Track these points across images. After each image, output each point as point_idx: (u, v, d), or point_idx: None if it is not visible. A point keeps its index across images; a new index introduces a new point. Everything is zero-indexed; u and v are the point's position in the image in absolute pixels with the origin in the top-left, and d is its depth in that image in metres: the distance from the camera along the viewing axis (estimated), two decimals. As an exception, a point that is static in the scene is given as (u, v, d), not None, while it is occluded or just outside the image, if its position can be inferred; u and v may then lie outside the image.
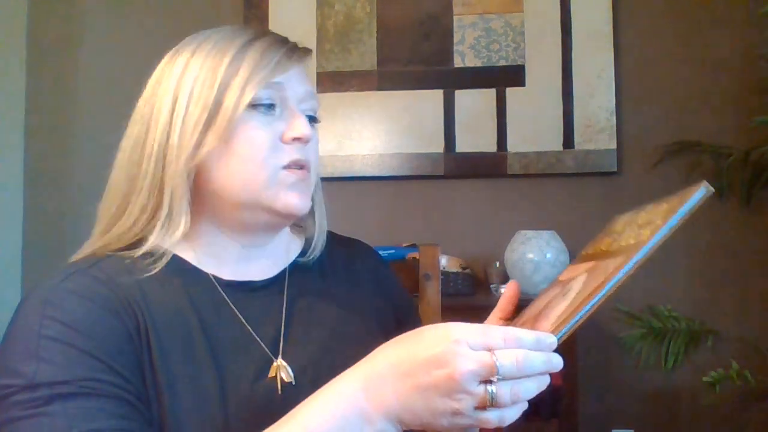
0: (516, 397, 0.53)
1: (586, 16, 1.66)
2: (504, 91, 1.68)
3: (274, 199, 0.72)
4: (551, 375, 0.56)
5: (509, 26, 1.69)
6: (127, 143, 0.75)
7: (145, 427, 0.64)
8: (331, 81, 1.73)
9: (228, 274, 0.75)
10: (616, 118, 1.64)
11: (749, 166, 1.54)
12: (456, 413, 0.53)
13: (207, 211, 0.75)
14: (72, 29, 1.82)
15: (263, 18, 1.74)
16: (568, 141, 1.65)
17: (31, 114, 1.81)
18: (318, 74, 1.73)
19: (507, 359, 0.53)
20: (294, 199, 0.73)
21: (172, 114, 0.72)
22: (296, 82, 0.75)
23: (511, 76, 1.68)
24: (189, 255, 0.75)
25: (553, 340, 0.54)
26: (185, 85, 0.73)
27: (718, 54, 1.63)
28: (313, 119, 0.77)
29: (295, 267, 0.81)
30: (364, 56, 1.72)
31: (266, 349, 0.72)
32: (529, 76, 1.68)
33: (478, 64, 1.69)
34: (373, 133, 1.72)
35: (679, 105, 1.64)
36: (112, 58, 1.79)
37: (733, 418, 1.56)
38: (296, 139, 0.72)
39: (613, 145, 1.64)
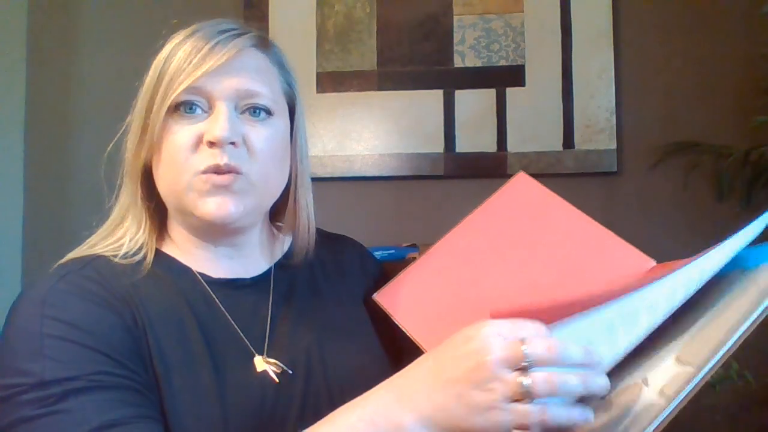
0: (552, 386, 0.49)
1: (586, 16, 1.66)
2: (504, 91, 1.68)
3: (193, 206, 0.71)
4: None
5: (509, 26, 1.69)
6: None
7: (156, 414, 0.65)
8: (331, 81, 1.73)
9: (214, 271, 0.76)
10: (616, 118, 1.64)
11: (749, 166, 1.54)
12: (490, 406, 0.50)
13: (171, 216, 0.77)
14: (72, 29, 1.82)
15: (263, 18, 1.74)
16: (568, 141, 1.65)
17: (31, 114, 1.80)
18: (318, 74, 1.73)
19: (537, 346, 0.49)
20: (210, 207, 0.70)
21: (132, 120, 0.75)
22: (225, 78, 0.70)
23: (511, 76, 1.68)
24: (176, 252, 0.76)
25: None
26: (142, 88, 0.75)
27: (719, 54, 1.63)
28: (258, 113, 0.73)
29: (282, 264, 0.82)
30: (364, 56, 1.72)
31: (249, 345, 0.73)
32: (529, 76, 1.68)
33: (478, 64, 1.69)
34: (373, 133, 1.72)
35: (679, 105, 1.64)
36: (112, 58, 1.79)
37: (733, 418, 1.56)
38: (211, 143, 0.69)
39: (613, 145, 1.64)
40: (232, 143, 0.70)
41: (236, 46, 0.72)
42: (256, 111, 0.73)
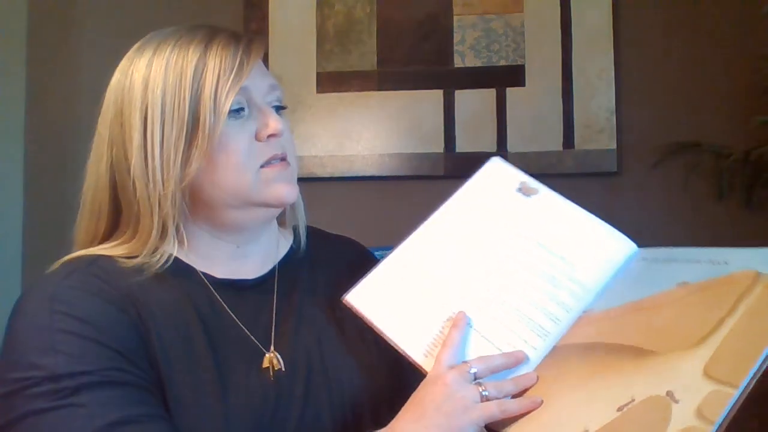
0: (499, 390, 0.67)
1: (586, 16, 1.66)
2: (504, 91, 1.68)
3: (264, 195, 0.74)
4: None
5: (509, 26, 1.69)
6: (100, 167, 0.75)
7: (165, 413, 0.65)
8: (331, 81, 1.73)
9: (220, 273, 0.77)
10: (616, 118, 1.64)
11: (749, 166, 1.54)
12: (466, 409, 0.64)
13: (200, 218, 0.76)
14: (72, 29, 1.83)
15: (263, 18, 1.74)
16: (568, 141, 1.65)
17: (32, 114, 1.81)
18: (318, 74, 1.73)
19: (476, 364, 0.68)
20: (283, 190, 0.75)
21: (145, 134, 0.72)
22: (259, 79, 0.76)
23: (511, 76, 1.68)
24: (180, 253, 0.76)
25: (522, 356, 0.70)
26: (154, 101, 0.72)
27: (719, 54, 1.63)
28: (280, 108, 0.78)
29: (285, 264, 0.82)
30: (364, 56, 1.72)
31: (258, 344, 0.74)
32: (529, 76, 1.68)
33: (478, 64, 1.69)
34: (373, 133, 1.72)
35: (679, 105, 1.64)
36: (112, 58, 1.79)
37: (733, 418, 1.56)
38: (271, 136, 0.74)
39: (613, 145, 1.64)
40: (280, 136, 0.76)
41: (260, 48, 0.77)
42: (279, 108, 0.79)
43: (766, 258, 0.67)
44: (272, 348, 0.74)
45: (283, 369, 0.73)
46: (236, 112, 0.73)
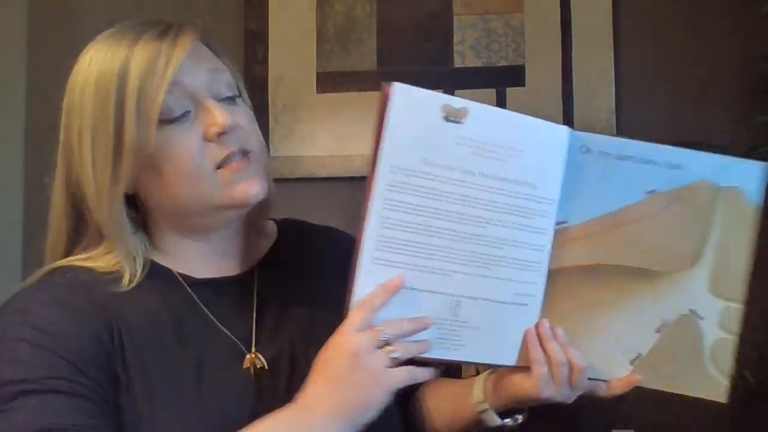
0: (408, 352, 0.66)
1: (586, 16, 1.66)
2: (504, 91, 1.68)
3: (226, 198, 0.70)
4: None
5: (509, 26, 1.69)
6: (58, 172, 0.78)
7: (111, 426, 0.64)
8: (331, 81, 1.73)
9: (198, 272, 0.76)
10: (616, 118, 1.64)
11: (749, 166, 1.54)
12: (376, 380, 0.63)
13: (164, 224, 0.75)
14: (72, 28, 1.82)
15: (263, 18, 1.74)
16: (568, 141, 1.65)
17: (32, 114, 1.80)
18: (318, 74, 1.72)
19: (388, 328, 0.65)
20: (246, 190, 0.70)
21: (81, 150, 0.73)
22: (194, 70, 0.70)
23: (511, 76, 1.68)
24: (157, 256, 0.76)
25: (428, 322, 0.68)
26: (85, 117, 0.72)
27: (719, 54, 1.63)
28: (232, 98, 0.73)
29: (266, 260, 0.82)
30: (364, 56, 1.72)
31: (239, 343, 0.73)
32: (529, 76, 1.68)
33: (478, 64, 1.69)
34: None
35: (680, 105, 1.64)
36: (112, 58, 1.79)
37: (732, 418, 1.56)
38: (219, 134, 0.69)
39: (613, 145, 1.64)
40: (229, 131, 0.70)
41: (185, 37, 0.72)
42: (229, 97, 0.74)
43: (713, 167, 0.80)
44: (253, 347, 0.74)
45: (266, 367, 0.73)
46: (179, 117, 0.68)
